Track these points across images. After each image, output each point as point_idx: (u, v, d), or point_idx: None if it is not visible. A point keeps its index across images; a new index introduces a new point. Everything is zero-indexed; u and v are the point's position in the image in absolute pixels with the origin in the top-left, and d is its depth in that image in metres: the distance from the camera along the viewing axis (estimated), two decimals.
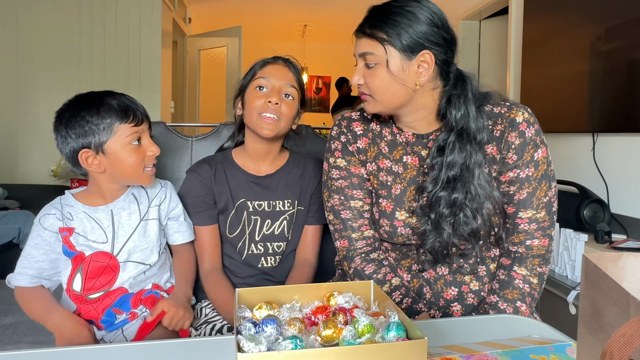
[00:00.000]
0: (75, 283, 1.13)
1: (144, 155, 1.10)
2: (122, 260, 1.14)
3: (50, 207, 1.14)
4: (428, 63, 0.99)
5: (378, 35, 0.98)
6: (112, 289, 1.15)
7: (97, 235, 1.13)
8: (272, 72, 1.25)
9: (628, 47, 2.16)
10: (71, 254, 1.13)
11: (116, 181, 1.13)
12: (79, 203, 1.14)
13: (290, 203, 1.31)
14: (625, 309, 0.40)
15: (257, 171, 1.31)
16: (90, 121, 1.04)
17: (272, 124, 1.21)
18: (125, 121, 1.06)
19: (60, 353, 0.80)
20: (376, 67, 1.00)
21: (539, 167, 1.01)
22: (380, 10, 1.00)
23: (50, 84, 4.15)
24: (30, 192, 3.77)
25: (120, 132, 1.06)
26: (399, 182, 1.09)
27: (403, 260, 1.13)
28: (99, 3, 4.20)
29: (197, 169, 1.31)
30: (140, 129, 1.09)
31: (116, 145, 1.06)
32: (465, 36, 4.08)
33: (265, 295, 0.82)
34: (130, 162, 1.08)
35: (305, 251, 1.33)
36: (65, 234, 1.12)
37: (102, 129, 1.05)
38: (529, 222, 1.03)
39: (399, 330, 0.68)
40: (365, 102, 1.06)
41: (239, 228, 1.29)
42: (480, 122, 1.00)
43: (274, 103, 1.21)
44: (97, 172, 1.09)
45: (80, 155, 1.06)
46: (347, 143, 1.14)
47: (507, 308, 1.01)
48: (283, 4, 5.64)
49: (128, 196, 1.17)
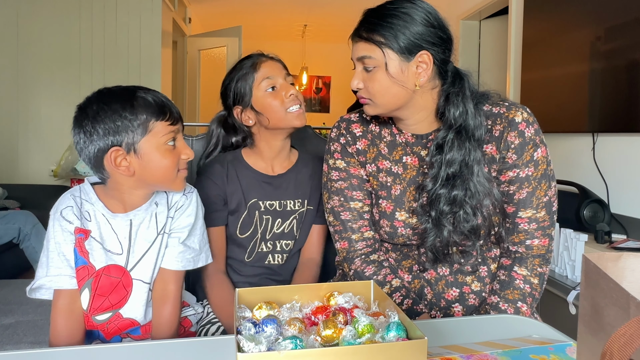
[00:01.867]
0: (82, 300, 1.00)
1: (179, 157, 0.99)
2: (135, 277, 1.02)
3: (69, 198, 1.00)
4: (426, 63, 0.99)
5: (375, 39, 0.98)
6: (122, 316, 1.03)
7: (113, 245, 1.00)
8: (271, 68, 1.25)
9: (628, 47, 2.16)
10: (81, 262, 0.99)
11: (144, 186, 1.00)
12: (100, 203, 1.00)
13: (300, 202, 1.32)
14: (625, 309, 0.40)
15: (268, 171, 1.32)
16: (123, 116, 0.92)
17: (301, 113, 1.26)
18: (162, 119, 0.95)
19: (60, 353, 0.80)
20: (375, 71, 0.99)
21: (538, 166, 1.01)
22: (375, 13, 1.00)
23: (50, 84, 4.15)
24: (30, 192, 3.77)
25: (155, 130, 0.94)
26: (399, 183, 1.09)
27: (404, 261, 1.13)
28: (99, 3, 4.20)
29: (208, 169, 1.30)
30: (175, 129, 0.98)
31: (151, 144, 0.94)
32: (465, 36, 4.08)
33: (265, 295, 0.82)
34: (164, 164, 0.96)
35: (312, 250, 1.34)
36: (80, 235, 0.99)
37: (137, 125, 0.92)
38: (528, 222, 1.03)
39: (399, 330, 0.68)
40: (366, 105, 1.05)
41: (252, 228, 1.28)
42: (478, 120, 1.00)
43: (296, 94, 1.24)
44: (126, 174, 0.95)
45: (108, 155, 0.92)
46: (346, 145, 1.14)
47: (508, 309, 1.01)
48: (283, 4, 5.65)
49: (150, 206, 1.03)
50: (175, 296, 1.05)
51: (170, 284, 1.05)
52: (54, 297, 1.00)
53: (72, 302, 0.99)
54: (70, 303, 0.99)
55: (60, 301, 0.99)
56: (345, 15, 1.15)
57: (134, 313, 1.04)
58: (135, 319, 1.04)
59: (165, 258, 1.05)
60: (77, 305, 1.00)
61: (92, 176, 1.04)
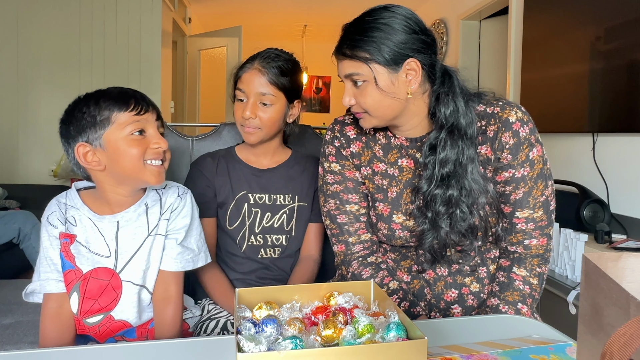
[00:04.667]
0: (72, 303, 1.00)
1: (147, 147, 0.96)
2: (125, 279, 1.02)
3: (54, 204, 1.03)
4: (415, 70, 0.97)
5: (360, 55, 0.96)
6: (114, 318, 1.03)
7: (100, 248, 1.00)
8: (247, 81, 1.24)
9: (628, 47, 2.16)
10: (67, 266, 0.99)
11: (119, 181, 0.99)
12: (85, 207, 1.01)
13: (291, 197, 1.34)
14: (625, 309, 0.40)
15: (259, 164, 1.35)
16: (87, 113, 0.94)
17: (253, 134, 1.26)
18: (125, 109, 0.94)
19: (60, 353, 0.80)
20: (365, 86, 0.98)
21: (534, 166, 1.01)
22: (355, 28, 0.98)
23: (50, 84, 4.15)
24: (30, 192, 3.76)
25: (119, 121, 0.94)
26: (395, 185, 1.09)
27: (403, 262, 1.13)
28: (99, 3, 4.20)
29: (200, 162, 1.35)
30: (142, 119, 0.96)
31: (115, 136, 0.94)
32: (465, 36, 4.08)
33: (265, 295, 0.82)
34: (130, 154, 0.94)
35: (309, 247, 1.36)
36: (65, 240, 1.00)
37: (100, 120, 0.94)
38: (526, 222, 1.03)
39: (399, 330, 0.68)
40: (361, 119, 1.04)
41: (239, 220, 1.31)
42: (469, 117, 0.99)
43: (247, 117, 1.23)
44: (97, 169, 0.96)
45: (76, 151, 0.95)
46: (340, 147, 1.14)
47: (509, 311, 1.01)
48: (283, 4, 5.64)
49: (140, 206, 1.03)
50: (177, 297, 1.06)
51: (171, 285, 1.05)
52: (43, 301, 1.01)
53: (59, 306, 1.00)
54: (58, 307, 1.00)
55: (49, 305, 1.00)
56: (345, 15, 1.15)
57: (126, 315, 1.04)
58: (128, 321, 1.04)
59: (164, 260, 1.05)
60: (65, 309, 1.01)
61: (81, 181, 1.07)
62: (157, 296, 1.05)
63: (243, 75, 1.25)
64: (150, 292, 1.05)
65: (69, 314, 1.01)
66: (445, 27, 4.39)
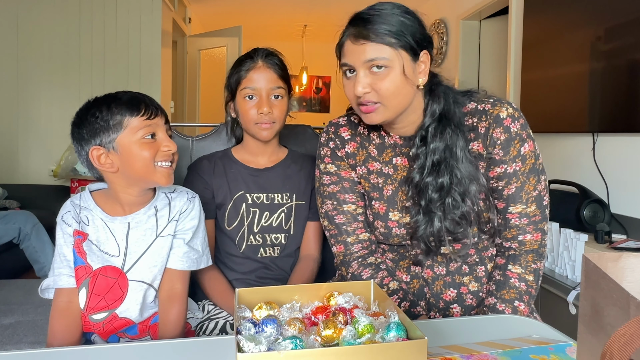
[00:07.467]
0: (80, 298, 1.05)
1: (157, 150, 1.02)
2: (131, 278, 1.06)
3: (69, 205, 1.09)
4: (425, 63, 1.00)
5: (387, 40, 0.95)
6: (118, 316, 1.06)
7: (110, 247, 1.05)
8: (257, 78, 1.25)
9: (628, 47, 2.16)
10: (79, 262, 1.05)
11: (131, 183, 1.04)
12: (98, 208, 1.07)
13: (288, 196, 1.34)
14: (625, 309, 0.40)
15: (256, 164, 1.36)
16: (101, 117, 0.99)
17: (269, 130, 1.27)
18: (136, 114, 1.00)
19: (60, 353, 0.80)
20: (387, 72, 0.96)
21: (526, 161, 1.01)
22: (377, 14, 0.96)
23: (50, 84, 4.15)
24: (30, 192, 3.77)
25: (131, 126, 1.00)
26: (390, 183, 1.10)
27: (401, 261, 1.13)
28: (99, 3, 4.20)
29: (197, 164, 1.37)
30: (153, 123, 1.02)
31: (128, 140, 1.00)
32: (465, 36, 4.08)
33: (265, 295, 0.82)
34: (142, 156, 1.00)
35: (308, 246, 1.36)
36: (79, 237, 1.05)
37: (113, 124, 0.99)
38: (519, 217, 1.03)
39: (399, 330, 0.68)
40: (370, 113, 1.00)
41: (237, 220, 1.31)
42: (458, 109, 1.02)
43: (266, 113, 1.24)
44: (110, 171, 1.02)
45: (91, 154, 1.00)
46: (335, 149, 1.15)
47: (506, 309, 1.01)
48: (283, 4, 5.64)
49: (150, 209, 1.08)
50: (182, 296, 1.10)
51: (177, 283, 1.09)
52: (54, 296, 1.06)
53: (69, 301, 1.05)
54: (67, 302, 1.04)
55: (59, 299, 1.05)
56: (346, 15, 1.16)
57: (129, 313, 1.07)
58: (130, 318, 1.07)
59: (171, 258, 1.09)
60: (74, 304, 1.05)
61: (95, 183, 1.12)
62: (163, 294, 1.09)
63: (250, 74, 1.26)
64: (156, 290, 1.09)
65: (77, 310, 1.05)
66: (445, 27, 4.39)
